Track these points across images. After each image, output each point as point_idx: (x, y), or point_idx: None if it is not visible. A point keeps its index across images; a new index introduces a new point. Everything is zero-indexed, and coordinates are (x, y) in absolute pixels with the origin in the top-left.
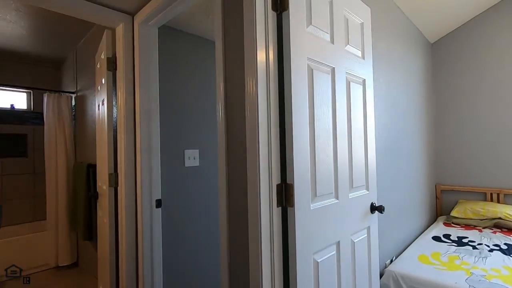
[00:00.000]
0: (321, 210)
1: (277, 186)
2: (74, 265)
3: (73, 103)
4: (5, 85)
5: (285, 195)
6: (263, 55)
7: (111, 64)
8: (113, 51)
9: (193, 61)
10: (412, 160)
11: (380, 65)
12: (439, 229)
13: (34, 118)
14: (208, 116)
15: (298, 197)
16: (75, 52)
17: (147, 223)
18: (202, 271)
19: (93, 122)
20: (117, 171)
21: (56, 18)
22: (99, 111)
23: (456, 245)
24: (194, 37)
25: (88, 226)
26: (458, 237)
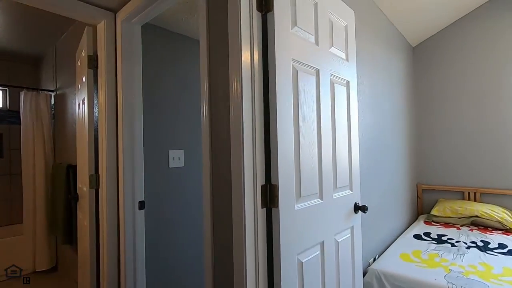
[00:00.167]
0: (306, 211)
1: (262, 187)
2: (53, 269)
3: (52, 101)
4: None
5: (269, 195)
6: (248, 56)
7: (92, 62)
8: (94, 48)
9: (178, 60)
10: (394, 160)
11: (364, 67)
12: (420, 227)
13: (10, 117)
14: (193, 116)
15: (283, 197)
16: (54, 49)
17: (129, 225)
18: (186, 273)
19: (73, 122)
20: (98, 172)
21: (34, 13)
22: (79, 110)
23: (436, 243)
24: (179, 36)
25: (67, 229)
26: (437, 235)
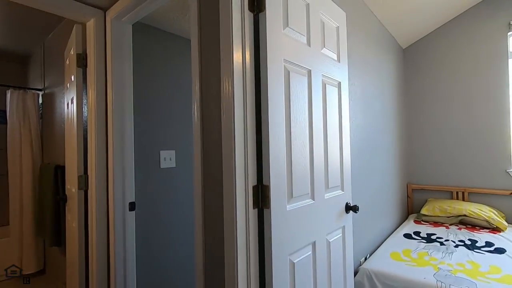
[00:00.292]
0: (297, 211)
1: (253, 187)
2: (41, 272)
3: (40, 100)
4: None
5: (261, 196)
6: (240, 56)
7: (81, 61)
8: (83, 47)
9: (170, 60)
10: (385, 160)
11: (355, 68)
12: (410, 226)
13: None
14: (185, 116)
15: (274, 198)
16: (42, 47)
17: (119, 227)
18: (178, 273)
19: (62, 121)
20: (87, 173)
21: (21, 10)
22: (68, 110)
23: (425, 241)
24: (171, 35)
25: (56, 231)
26: (427, 234)
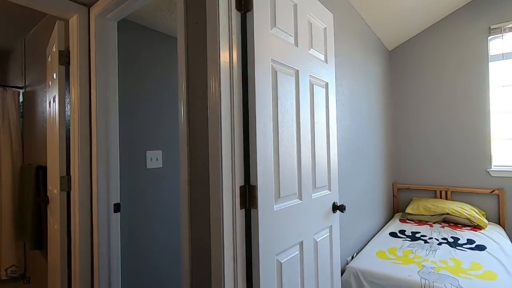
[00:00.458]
0: (285, 211)
1: (240, 187)
2: (21, 277)
3: (21, 99)
4: None
5: (248, 196)
6: (227, 55)
7: (64, 58)
8: (66, 44)
9: (156, 59)
10: (371, 160)
11: (342, 69)
12: (395, 225)
13: None
14: (172, 115)
15: (262, 198)
16: (23, 43)
17: (103, 229)
18: (164, 275)
19: (43, 120)
20: (70, 173)
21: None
22: (50, 109)
23: (410, 240)
24: (157, 34)
25: (37, 234)
26: (412, 232)
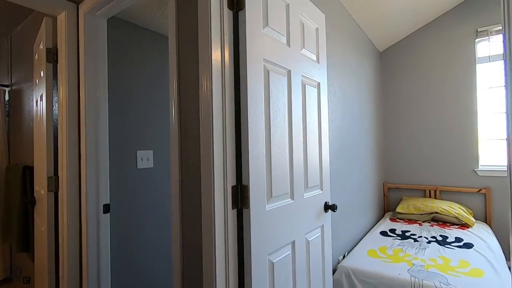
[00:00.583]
0: (277, 211)
1: (232, 187)
2: (7, 280)
3: (6, 97)
4: None
5: (240, 196)
6: (218, 54)
7: (52, 56)
8: (54, 41)
9: (147, 57)
10: (362, 160)
11: (334, 70)
12: (386, 224)
13: None
14: (163, 115)
15: (254, 198)
16: (9, 40)
17: (92, 230)
18: (155, 277)
19: (30, 119)
20: (57, 174)
21: None
22: (37, 107)
23: (400, 238)
24: (148, 32)
25: (23, 236)
26: (402, 231)
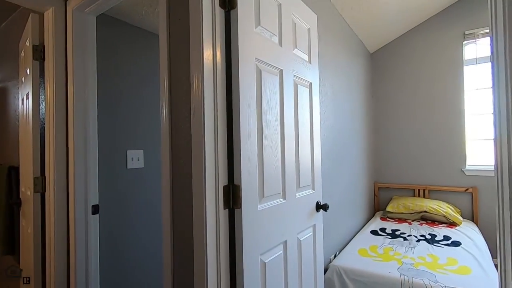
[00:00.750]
0: (269, 211)
1: (224, 187)
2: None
3: None
4: None
5: (232, 196)
6: (210, 53)
7: (38, 53)
8: (40, 38)
9: (138, 56)
10: (353, 160)
11: (325, 70)
12: (376, 223)
13: None
14: (154, 114)
15: (246, 198)
16: None
17: (81, 231)
18: (145, 278)
19: (16, 119)
20: (44, 174)
21: None
22: (23, 106)
23: (390, 237)
24: (139, 30)
25: (8, 238)
26: (392, 230)
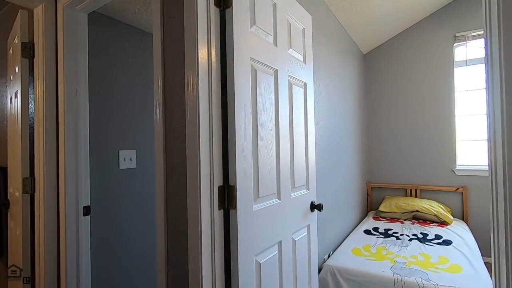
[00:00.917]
0: (264, 211)
1: (219, 188)
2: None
3: None
4: None
5: (227, 197)
6: (205, 52)
7: (27, 51)
8: (30, 36)
9: (130, 55)
10: (347, 160)
11: (320, 70)
12: (369, 223)
13: None
14: (146, 114)
15: (241, 198)
16: None
17: (72, 233)
18: (139, 280)
19: (4, 118)
20: (34, 174)
21: None
22: (11, 105)
23: (383, 237)
24: (131, 28)
25: None
26: (384, 229)
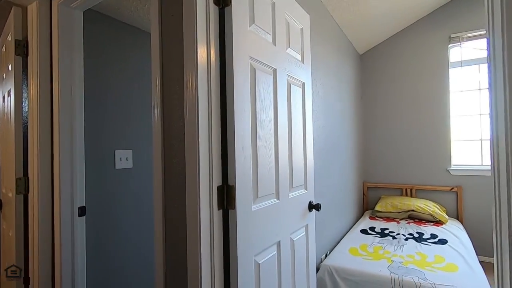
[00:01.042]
0: (263, 211)
1: (218, 188)
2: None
3: None
4: None
5: (226, 197)
6: (204, 51)
7: (21, 48)
8: (23, 33)
9: (127, 53)
10: (343, 160)
11: (317, 70)
12: (366, 222)
13: None
14: (143, 113)
15: (240, 198)
16: None
17: (66, 234)
18: (136, 282)
19: None
20: (27, 175)
21: None
22: (4, 103)
23: (379, 236)
24: (128, 27)
25: None
26: (381, 229)
